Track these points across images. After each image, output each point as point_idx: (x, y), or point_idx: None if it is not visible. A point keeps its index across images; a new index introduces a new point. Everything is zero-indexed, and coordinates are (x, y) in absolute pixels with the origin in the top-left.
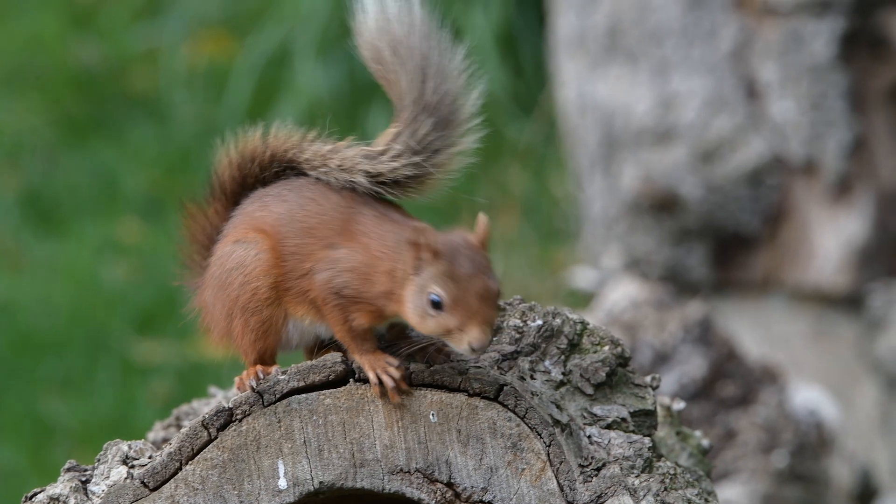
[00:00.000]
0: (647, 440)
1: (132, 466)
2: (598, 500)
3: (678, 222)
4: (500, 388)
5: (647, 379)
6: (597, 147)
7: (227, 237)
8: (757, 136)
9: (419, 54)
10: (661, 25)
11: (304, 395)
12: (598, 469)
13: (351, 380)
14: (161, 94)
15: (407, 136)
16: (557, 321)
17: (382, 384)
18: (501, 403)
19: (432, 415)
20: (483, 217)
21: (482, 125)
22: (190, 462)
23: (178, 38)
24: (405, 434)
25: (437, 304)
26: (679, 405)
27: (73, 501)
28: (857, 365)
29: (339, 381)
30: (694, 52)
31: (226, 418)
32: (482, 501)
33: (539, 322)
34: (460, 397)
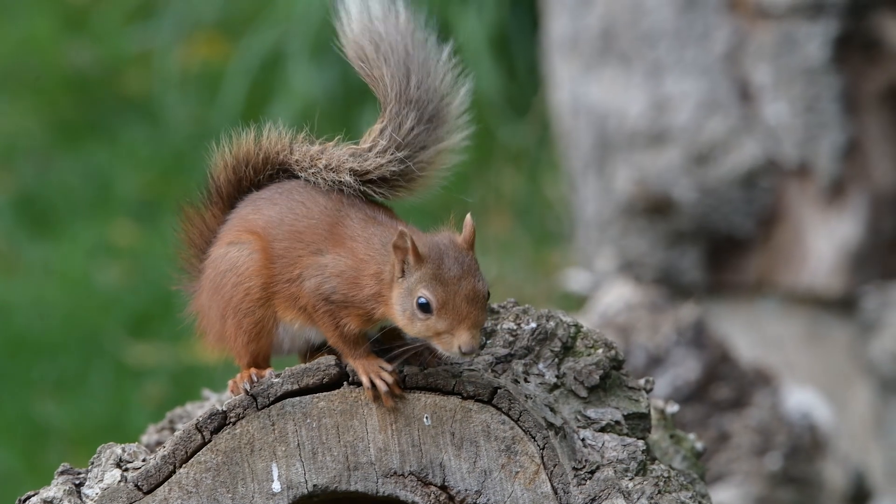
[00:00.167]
0: (640, 443)
1: (126, 469)
2: (591, 503)
3: (672, 225)
4: (494, 391)
5: (641, 382)
6: (590, 149)
7: (221, 240)
8: (750, 139)
9: (402, 50)
10: (654, 28)
11: (297, 398)
12: (592, 472)
13: (345, 383)
14: (154, 97)
15: (392, 131)
16: (551, 324)
17: (376, 388)
18: (495, 406)
19: (426, 418)
20: (469, 218)
21: (471, 123)
22: (184, 465)
23: (172, 41)
24: (399, 437)
25: (425, 308)
26: (673, 408)
27: None
28: (851, 367)
29: (333, 384)
30: (687, 54)
31: (220, 421)
32: None
33: (533, 325)
34: (454, 400)
